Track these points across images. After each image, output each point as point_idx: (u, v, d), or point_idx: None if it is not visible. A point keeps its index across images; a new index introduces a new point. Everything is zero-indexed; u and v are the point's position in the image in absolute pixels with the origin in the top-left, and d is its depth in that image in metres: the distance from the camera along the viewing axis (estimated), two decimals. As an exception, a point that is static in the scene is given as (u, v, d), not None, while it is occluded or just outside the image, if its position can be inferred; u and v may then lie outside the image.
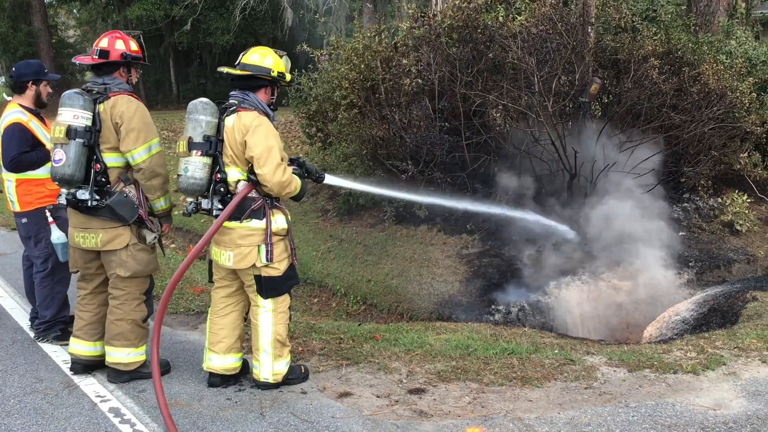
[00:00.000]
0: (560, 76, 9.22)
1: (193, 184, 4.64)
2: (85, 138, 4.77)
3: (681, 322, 7.50)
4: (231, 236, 4.66)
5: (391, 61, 9.98)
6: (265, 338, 4.77)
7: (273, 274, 4.69)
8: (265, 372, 4.84)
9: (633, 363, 5.33)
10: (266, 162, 4.47)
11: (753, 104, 9.60)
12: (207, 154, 4.63)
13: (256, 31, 29.51)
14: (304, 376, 5.07)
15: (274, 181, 4.49)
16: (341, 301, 9.38)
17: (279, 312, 4.78)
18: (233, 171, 4.65)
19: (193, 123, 4.65)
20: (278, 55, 4.82)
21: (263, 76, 4.69)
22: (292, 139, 17.28)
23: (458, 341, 5.94)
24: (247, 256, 4.64)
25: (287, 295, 4.85)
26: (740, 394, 4.73)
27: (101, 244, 4.90)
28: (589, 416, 4.47)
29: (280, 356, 4.84)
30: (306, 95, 12.12)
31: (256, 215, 4.63)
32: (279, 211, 4.73)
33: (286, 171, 4.57)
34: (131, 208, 4.87)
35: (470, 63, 9.64)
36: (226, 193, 4.67)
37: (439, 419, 4.48)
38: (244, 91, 4.72)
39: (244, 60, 4.73)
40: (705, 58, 9.61)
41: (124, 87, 4.97)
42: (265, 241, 4.62)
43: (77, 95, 4.82)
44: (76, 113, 4.77)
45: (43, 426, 4.44)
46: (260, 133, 4.51)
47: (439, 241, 9.63)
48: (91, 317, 5.16)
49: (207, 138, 4.62)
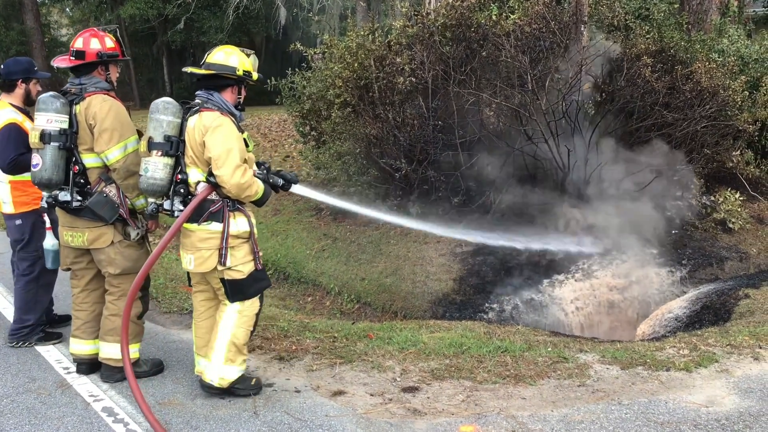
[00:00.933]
0: (553, 75, 9.24)
1: (153, 184, 4.56)
2: (60, 141, 4.76)
3: (674, 319, 7.53)
4: (191, 239, 4.57)
5: (385, 60, 9.97)
6: (222, 339, 4.63)
7: (236, 277, 4.57)
8: (211, 373, 4.67)
9: (626, 361, 5.35)
10: (224, 163, 4.34)
11: (745, 102, 9.64)
12: (168, 155, 4.53)
13: (250, 29, 29.47)
14: (254, 390, 4.84)
15: (232, 182, 4.36)
16: (335, 299, 9.38)
17: (244, 315, 4.65)
18: (194, 172, 4.55)
19: (154, 123, 4.55)
20: (245, 54, 4.72)
21: (228, 75, 4.58)
22: (285, 137, 17.26)
23: (452, 339, 5.95)
24: (207, 260, 4.53)
25: (257, 300, 4.73)
26: (733, 391, 4.76)
27: (87, 242, 4.91)
28: (582, 414, 4.49)
29: (232, 361, 4.67)
30: (299, 94, 12.09)
31: (215, 218, 4.51)
32: (241, 214, 4.59)
33: (245, 173, 4.43)
34: (111, 207, 4.84)
35: (463, 61, 9.64)
36: (187, 194, 4.58)
37: (432, 417, 4.49)
38: (209, 91, 4.61)
39: (208, 59, 4.62)
40: (697, 56, 9.65)
41: (101, 86, 4.93)
42: (221, 244, 4.50)
43: (52, 99, 4.81)
44: (49, 117, 4.77)
45: (36, 426, 4.43)
46: (219, 134, 4.39)
47: (432, 240, 9.64)
48: (87, 316, 5.15)
49: (168, 138, 4.53)
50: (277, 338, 5.98)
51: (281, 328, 6.25)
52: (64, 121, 4.79)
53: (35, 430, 4.38)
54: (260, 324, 6.28)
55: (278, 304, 8.69)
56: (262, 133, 18.41)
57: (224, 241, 4.50)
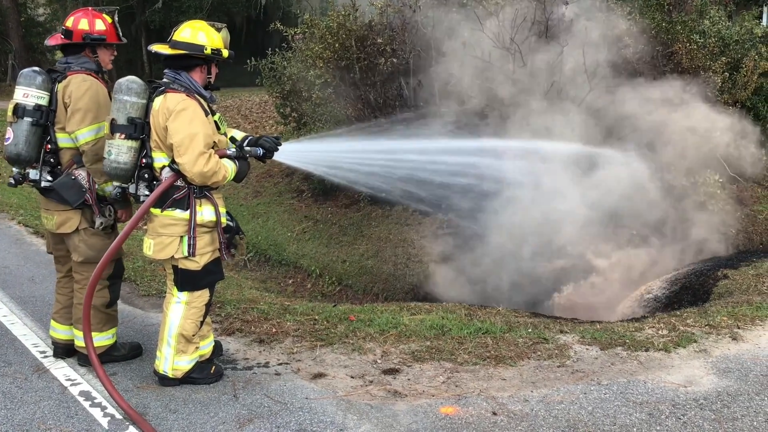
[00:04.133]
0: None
1: (116, 168, 4.38)
2: (34, 117, 4.63)
3: (653, 300, 7.59)
4: (154, 224, 4.41)
5: (366, 40, 9.89)
6: (171, 330, 4.50)
7: (190, 267, 4.42)
8: (164, 365, 4.58)
9: (605, 341, 5.37)
10: (186, 150, 4.14)
11: (726, 84, 9.67)
12: (131, 138, 4.34)
13: (230, 9, 29.08)
14: (214, 378, 4.73)
15: (195, 171, 4.16)
16: (316, 282, 9.36)
17: (192, 307, 4.50)
18: (159, 156, 4.35)
19: (117, 104, 4.35)
20: (216, 29, 4.46)
21: (196, 54, 4.34)
22: (266, 119, 17.12)
23: (433, 321, 5.94)
24: (167, 247, 4.37)
25: (206, 291, 4.55)
26: (711, 371, 4.79)
27: (55, 226, 4.81)
28: (561, 394, 4.50)
29: (183, 352, 4.55)
30: (280, 75, 11.99)
31: (179, 205, 4.33)
32: (207, 202, 4.40)
33: (209, 161, 4.20)
34: (77, 191, 4.70)
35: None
36: (152, 179, 4.39)
37: (413, 399, 4.48)
38: (176, 71, 4.39)
39: (175, 37, 4.36)
40: (678, 37, 9.65)
41: (87, 66, 4.79)
42: (188, 233, 4.35)
43: (33, 74, 4.69)
44: (26, 92, 4.65)
45: (12, 410, 4.37)
46: (183, 119, 4.18)
47: (414, 222, 9.63)
48: (66, 300, 5.07)
49: (132, 120, 4.33)
50: (258, 321, 5.94)
51: (261, 311, 6.21)
52: (42, 98, 4.66)
53: (11, 414, 4.32)
54: (240, 307, 6.27)
55: (259, 287, 8.65)
56: (242, 114, 18.26)
57: (192, 229, 4.35)
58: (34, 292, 6.77)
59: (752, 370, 4.82)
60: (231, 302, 6.42)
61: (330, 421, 4.20)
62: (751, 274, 7.40)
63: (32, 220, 9.87)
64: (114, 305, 5.05)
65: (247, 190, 12.56)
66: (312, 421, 4.21)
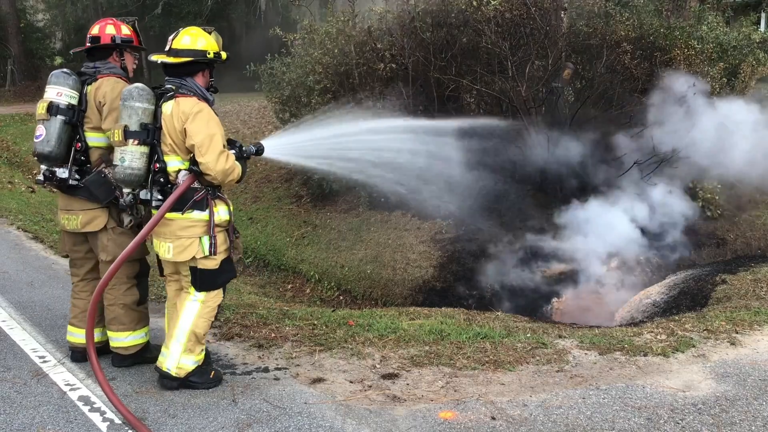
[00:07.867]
0: (533, 61, 9.24)
1: (131, 174, 4.45)
2: (67, 115, 4.72)
3: (651, 305, 7.59)
4: (171, 228, 4.46)
5: (365, 46, 9.92)
6: (183, 327, 4.53)
7: (210, 267, 4.49)
8: (169, 362, 4.57)
9: (604, 346, 5.38)
10: (208, 150, 4.26)
11: (723, 89, 9.70)
12: (144, 143, 4.41)
13: (229, 15, 29.14)
14: (212, 383, 4.71)
15: (218, 169, 4.28)
16: (315, 287, 9.36)
17: (207, 306, 4.55)
18: (173, 160, 4.42)
19: (128, 110, 4.41)
20: (207, 33, 4.57)
21: (200, 59, 4.45)
22: (266, 124, 17.12)
23: (431, 326, 5.94)
24: (188, 248, 4.43)
25: (221, 291, 4.63)
26: (709, 376, 4.80)
27: (81, 225, 4.85)
28: (560, 399, 4.50)
29: (191, 351, 4.58)
30: (279, 80, 11.99)
31: (199, 206, 4.42)
32: (221, 202, 4.52)
33: (228, 158, 4.36)
34: (107, 189, 4.77)
35: (444, 47, 9.62)
36: (166, 183, 4.45)
37: (412, 404, 4.48)
38: (181, 77, 4.49)
39: (175, 45, 4.45)
40: (677, 43, 9.68)
41: (114, 71, 4.93)
42: (208, 233, 4.43)
43: (64, 74, 4.80)
44: (60, 90, 4.73)
45: (11, 415, 4.37)
46: (201, 120, 4.30)
47: (413, 227, 9.64)
48: (85, 305, 5.05)
49: (144, 126, 4.40)
50: (257, 326, 5.94)
51: (261, 316, 6.21)
52: (73, 97, 4.76)
53: (10, 419, 4.32)
54: (239, 312, 6.28)
55: (258, 292, 8.65)
56: (241, 119, 18.25)
57: (212, 229, 4.44)
58: (33, 297, 6.77)
59: (750, 374, 4.82)
60: (230, 307, 6.42)
61: (329, 426, 4.19)
62: (749, 279, 7.40)
63: (31, 225, 9.88)
64: (145, 303, 5.09)
65: (246, 195, 12.57)
66: (311, 425, 4.20)
